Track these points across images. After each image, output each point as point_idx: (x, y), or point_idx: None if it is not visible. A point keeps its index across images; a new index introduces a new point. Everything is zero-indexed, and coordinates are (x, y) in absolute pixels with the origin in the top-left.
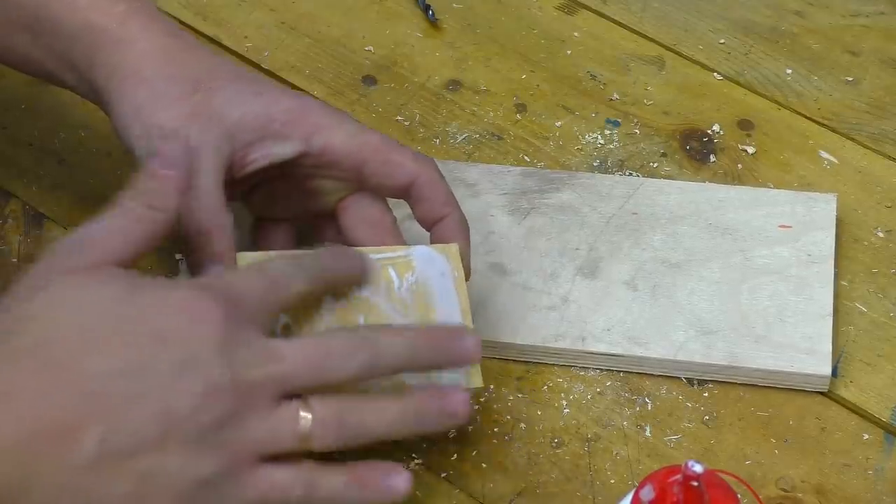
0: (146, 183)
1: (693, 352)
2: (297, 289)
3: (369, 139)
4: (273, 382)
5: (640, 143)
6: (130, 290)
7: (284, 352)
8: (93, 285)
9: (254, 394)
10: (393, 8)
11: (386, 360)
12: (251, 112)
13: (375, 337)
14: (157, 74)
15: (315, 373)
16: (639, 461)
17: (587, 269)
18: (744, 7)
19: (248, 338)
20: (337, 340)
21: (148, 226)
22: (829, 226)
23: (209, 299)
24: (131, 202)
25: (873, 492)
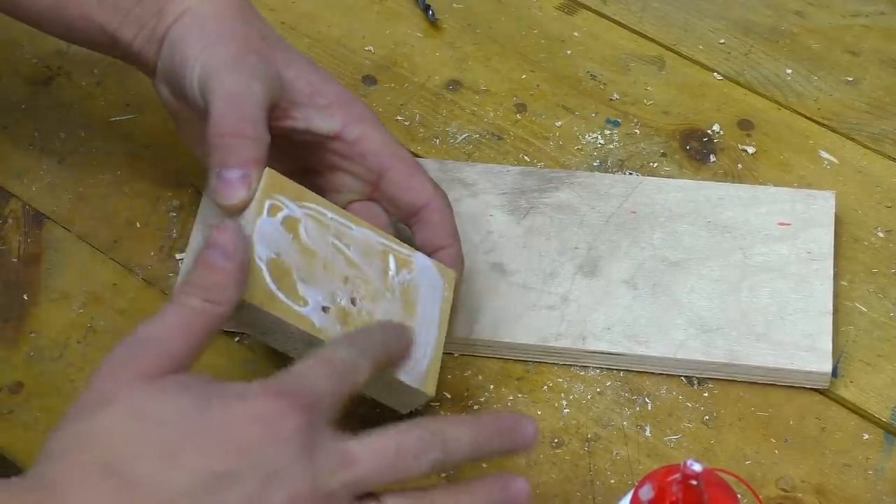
0: (204, 276)
1: (693, 350)
2: (363, 378)
3: (399, 151)
4: (351, 486)
5: (640, 143)
6: (205, 400)
7: (361, 454)
8: (163, 396)
9: (333, 500)
10: (393, 8)
11: (454, 454)
12: (305, 79)
13: (443, 432)
14: (228, 17)
15: (389, 473)
16: (639, 461)
17: (587, 268)
18: (744, 7)
19: (325, 442)
20: (408, 439)
21: (208, 322)
22: (828, 223)
23: (287, 406)
24: (190, 298)
25: (873, 492)
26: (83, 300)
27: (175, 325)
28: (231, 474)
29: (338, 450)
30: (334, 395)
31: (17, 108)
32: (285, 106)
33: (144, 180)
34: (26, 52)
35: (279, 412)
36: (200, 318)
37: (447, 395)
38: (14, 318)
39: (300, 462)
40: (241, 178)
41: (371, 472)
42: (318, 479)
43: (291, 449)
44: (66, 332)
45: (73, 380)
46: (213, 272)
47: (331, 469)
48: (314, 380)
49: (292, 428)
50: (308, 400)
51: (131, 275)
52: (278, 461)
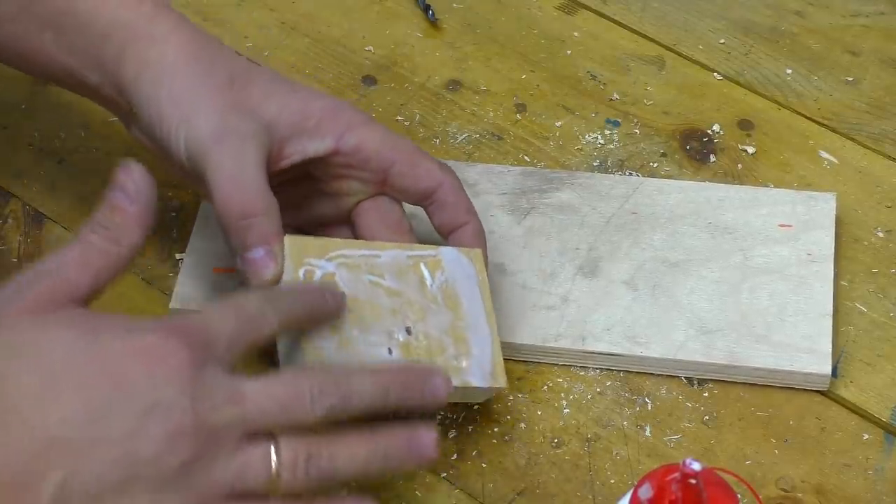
0: (109, 217)
1: (693, 351)
2: (270, 329)
3: (399, 143)
4: (239, 424)
5: (640, 143)
6: (91, 334)
7: (250, 393)
8: (50, 328)
9: (219, 436)
10: (393, 8)
11: (354, 402)
12: (288, 108)
13: (346, 379)
14: (193, 68)
15: (281, 414)
16: (639, 461)
17: (587, 269)
18: (744, 7)
19: (214, 379)
20: (306, 382)
21: (109, 261)
22: (828, 225)
23: (174, 343)
24: (90, 235)
25: (873, 492)
26: None
27: (72, 259)
28: (108, 407)
29: (227, 387)
30: (234, 339)
31: (17, 108)
32: (277, 148)
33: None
34: None
35: (165, 347)
36: (99, 255)
37: None
38: None
39: (182, 396)
40: (266, 255)
41: (260, 411)
42: (201, 414)
43: (175, 383)
44: None
45: None
46: (115, 213)
47: (216, 405)
48: (216, 321)
49: (177, 363)
50: (202, 338)
51: (131, 275)
52: (159, 395)
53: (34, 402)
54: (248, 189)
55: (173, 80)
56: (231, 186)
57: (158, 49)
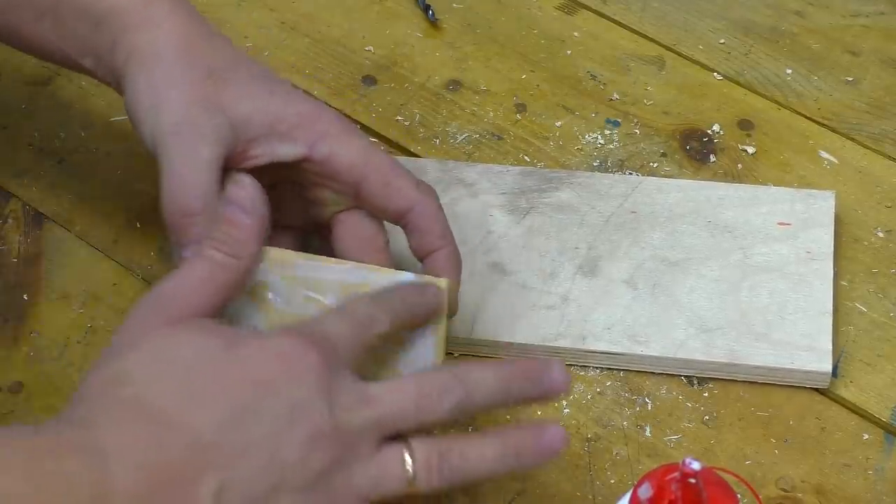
0: (227, 232)
1: (693, 350)
2: (382, 329)
3: (374, 158)
4: (374, 426)
5: (640, 143)
6: (226, 341)
7: (381, 395)
8: (186, 339)
9: (357, 439)
10: (393, 8)
11: (478, 397)
12: (261, 109)
13: (467, 374)
14: (176, 57)
15: (412, 414)
16: (639, 461)
17: (587, 268)
18: (744, 7)
19: (346, 383)
20: (430, 380)
21: (230, 275)
22: (828, 223)
23: (306, 346)
24: (211, 252)
25: (873, 492)
26: (83, 300)
27: (197, 278)
28: (254, 409)
29: (358, 389)
30: (352, 341)
31: (17, 108)
32: (242, 148)
33: (144, 180)
34: None
35: (298, 350)
36: (222, 271)
37: None
38: (14, 318)
39: (320, 398)
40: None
41: (392, 411)
42: (338, 417)
43: (311, 385)
44: (66, 332)
45: (73, 380)
46: (233, 227)
47: (350, 407)
48: (332, 326)
49: (311, 365)
50: (326, 342)
51: (131, 275)
52: (299, 396)
53: (182, 407)
54: (192, 188)
55: (154, 67)
56: (175, 183)
57: (149, 35)
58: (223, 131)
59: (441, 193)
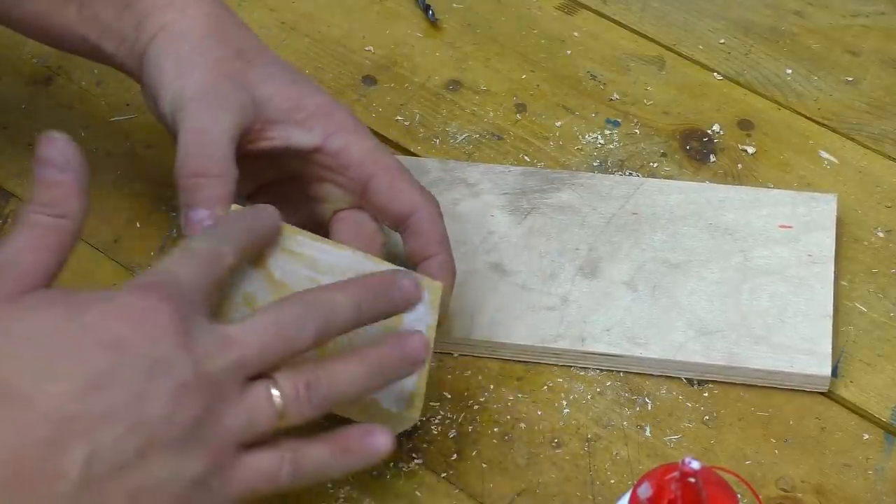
0: (46, 193)
1: (693, 352)
2: (229, 263)
3: (385, 158)
4: (237, 368)
5: (640, 143)
6: (70, 309)
7: (239, 335)
8: (29, 313)
9: (221, 384)
10: (393, 8)
11: (337, 320)
12: (283, 94)
13: (321, 299)
14: (204, 35)
15: (274, 349)
16: (639, 461)
17: (587, 270)
18: (744, 7)
19: (202, 329)
20: (287, 312)
21: (59, 236)
22: (829, 226)
23: (155, 299)
24: (35, 215)
25: (873, 492)
26: None
27: (25, 245)
28: (111, 372)
29: (215, 333)
30: (202, 283)
31: (17, 108)
32: (261, 127)
33: (144, 180)
34: (26, 52)
35: (147, 305)
36: (50, 233)
37: (447, 395)
38: None
39: (178, 350)
40: (207, 218)
41: (253, 351)
42: (199, 366)
43: (167, 338)
44: None
45: None
46: (50, 188)
47: (210, 353)
48: (178, 271)
49: (163, 318)
50: (174, 290)
51: (131, 275)
52: (156, 352)
53: (36, 382)
54: (208, 150)
55: (182, 43)
56: (192, 143)
57: (175, 16)
58: (245, 105)
59: (442, 193)
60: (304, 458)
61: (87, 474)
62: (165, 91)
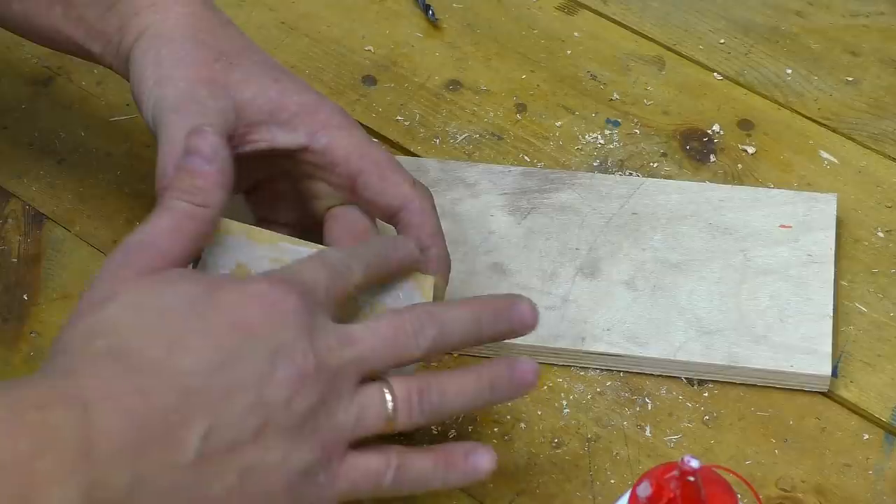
0: (189, 181)
1: (693, 352)
2: (356, 280)
3: (372, 152)
4: (353, 365)
5: (640, 143)
6: (205, 287)
7: (359, 334)
8: (164, 288)
9: (338, 379)
10: (393, 8)
11: (453, 332)
12: (265, 95)
13: (441, 311)
14: (185, 38)
15: (389, 352)
16: (639, 461)
17: (587, 269)
18: (744, 7)
19: (325, 324)
20: (406, 318)
21: (198, 224)
22: (829, 226)
23: (286, 289)
24: (178, 202)
25: (873, 492)
26: None
27: (166, 228)
28: (237, 353)
29: (337, 330)
30: (329, 288)
31: (17, 108)
32: (243, 130)
33: (144, 180)
34: (26, 52)
35: (278, 293)
36: (190, 220)
37: None
38: (14, 318)
39: (302, 339)
40: None
41: (371, 350)
42: (320, 356)
43: (293, 327)
44: None
45: None
46: (195, 177)
47: (331, 347)
48: (308, 272)
49: (291, 307)
50: (304, 287)
51: None
52: (281, 338)
53: (166, 354)
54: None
55: (162, 46)
56: (170, 157)
57: (160, 16)
58: (226, 111)
59: (442, 193)
60: (409, 466)
61: (205, 447)
62: (147, 98)
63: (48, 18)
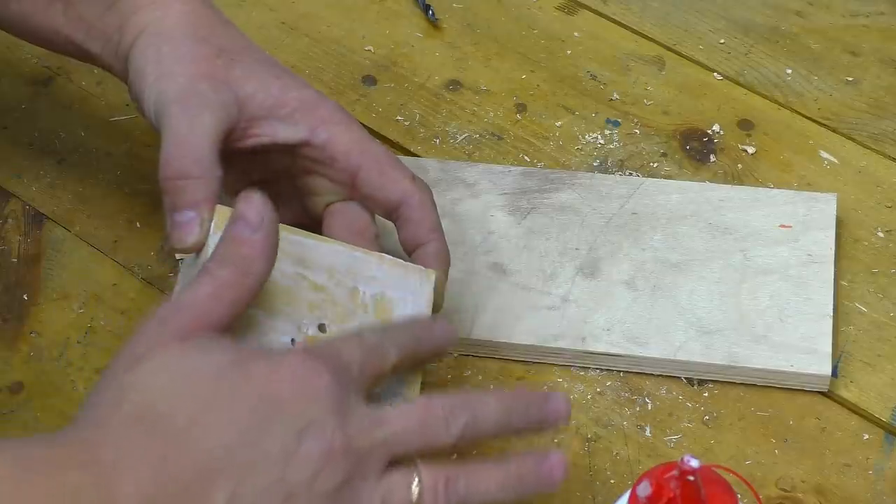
0: (235, 250)
1: (693, 352)
2: (390, 362)
3: (372, 148)
4: (383, 447)
5: (640, 143)
6: (238, 357)
7: (391, 417)
8: (197, 354)
9: (366, 460)
10: (393, 8)
11: (485, 422)
12: (265, 91)
13: (472, 399)
14: (186, 35)
15: (421, 437)
16: (639, 461)
17: (587, 269)
18: (744, 7)
19: (357, 403)
20: (437, 403)
21: (239, 293)
22: (829, 226)
23: (319, 366)
24: (220, 269)
25: (873, 492)
26: (83, 300)
27: (206, 294)
28: (266, 426)
29: (369, 410)
30: (363, 366)
31: (17, 108)
32: (245, 125)
33: (144, 180)
34: (26, 52)
35: (311, 370)
36: (230, 289)
37: None
38: (14, 318)
39: (332, 417)
40: (191, 219)
41: (401, 433)
42: (350, 436)
43: (324, 404)
44: (66, 332)
45: (73, 380)
46: (240, 245)
47: (362, 427)
48: (343, 351)
49: (324, 385)
50: (338, 364)
51: (131, 275)
52: (311, 415)
53: (193, 422)
54: (191, 152)
55: (163, 43)
56: (175, 146)
57: (160, 13)
58: (228, 104)
59: (442, 193)
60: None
61: None
62: (148, 93)
63: (47, 18)
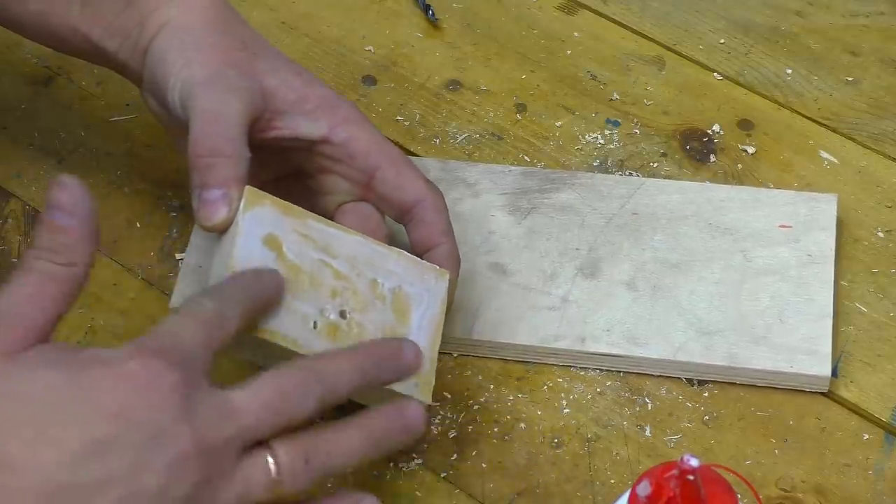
0: (53, 238)
1: (693, 352)
2: (233, 328)
3: (389, 148)
4: (236, 438)
5: (640, 143)
6: (73, 370)
7: (240, 403)
8: (27, 372)
9: (220, 455)
10: (393, 8)
11: (339, 388)
12: (288, 86)
13: (323, 367)
14: (208, 27)
15: (275, 418)
16: (639, 461)
17: (587, 270)
18: (744, 7)
19: (203, 396)
20: (289, 380)
21: (63, 285)
22: (829, 226)
23: (160, 364)
24: (38, 262)
25: (873, 492)
26: (83, 300)
27: (27, 294)
28: (108, 442)
29: (218, 402)
30: (205, 349)
31: (17, 108)
32: (269, 116)
33: (144, 180)
34: (26, 52)
35: (152, 372)
36: (54, 282)
37: (447, 396)
38: None
39: (179, 420)
40: (220, 197)
41: (256, 420)
42: (200, 436)
43: (169, 408)
44: (65, 332)
45: None
46: (58, 233)
47: (212, 423)
48: (183, 335)
49: (167, 386)
50: (180, 356)
51: (131, 275)
52: (157, 423)
53: (28, 448)
54: (221, 131)
55: (186, 35)
56: (205, 125)
57: (178, 11)
58: (253, 92)
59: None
60: None
61: None
62: (173, 82)
63: (65, 16)
